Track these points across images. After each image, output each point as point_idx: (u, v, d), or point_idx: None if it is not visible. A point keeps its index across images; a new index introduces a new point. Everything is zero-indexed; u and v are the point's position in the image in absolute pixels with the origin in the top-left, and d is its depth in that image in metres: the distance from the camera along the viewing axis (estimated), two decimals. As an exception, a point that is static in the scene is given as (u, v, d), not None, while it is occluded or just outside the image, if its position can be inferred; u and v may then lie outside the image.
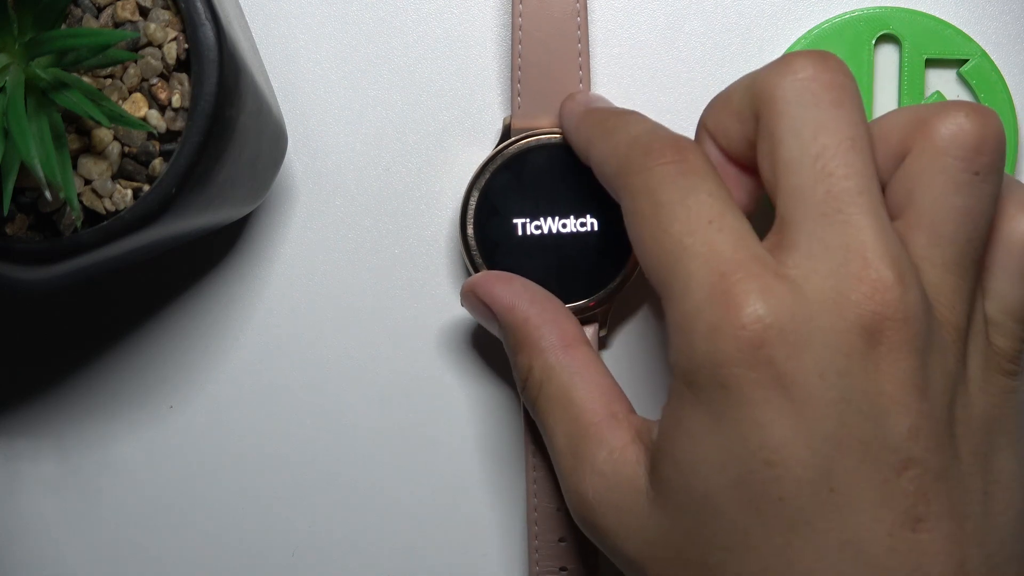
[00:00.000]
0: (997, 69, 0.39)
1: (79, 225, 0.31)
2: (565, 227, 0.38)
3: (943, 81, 0.39)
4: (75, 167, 0.32)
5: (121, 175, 0.32)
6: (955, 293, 0.30)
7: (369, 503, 0.40)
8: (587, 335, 0.39)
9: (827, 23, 0.39)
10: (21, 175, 0.31)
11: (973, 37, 0.39)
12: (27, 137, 0.29)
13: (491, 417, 0.40)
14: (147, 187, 0.32)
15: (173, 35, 0.32)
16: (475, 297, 0.36)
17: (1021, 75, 0.40)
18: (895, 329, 0.29)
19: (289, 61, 0.40)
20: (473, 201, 0.38)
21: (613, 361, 0.40)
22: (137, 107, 0.32)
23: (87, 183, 0.32)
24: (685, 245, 0.30)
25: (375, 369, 0.40)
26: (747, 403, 0.29)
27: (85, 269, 0.33)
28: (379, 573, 0.40)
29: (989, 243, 0.31)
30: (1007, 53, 0.40)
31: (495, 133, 0.40)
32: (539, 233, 0.38)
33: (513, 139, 0.38)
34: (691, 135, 0.40)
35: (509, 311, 0.36)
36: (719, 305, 0.29)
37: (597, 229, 0.38)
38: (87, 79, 0.32)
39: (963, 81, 0.39)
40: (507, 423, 0.40)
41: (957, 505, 0.29)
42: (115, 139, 0.32)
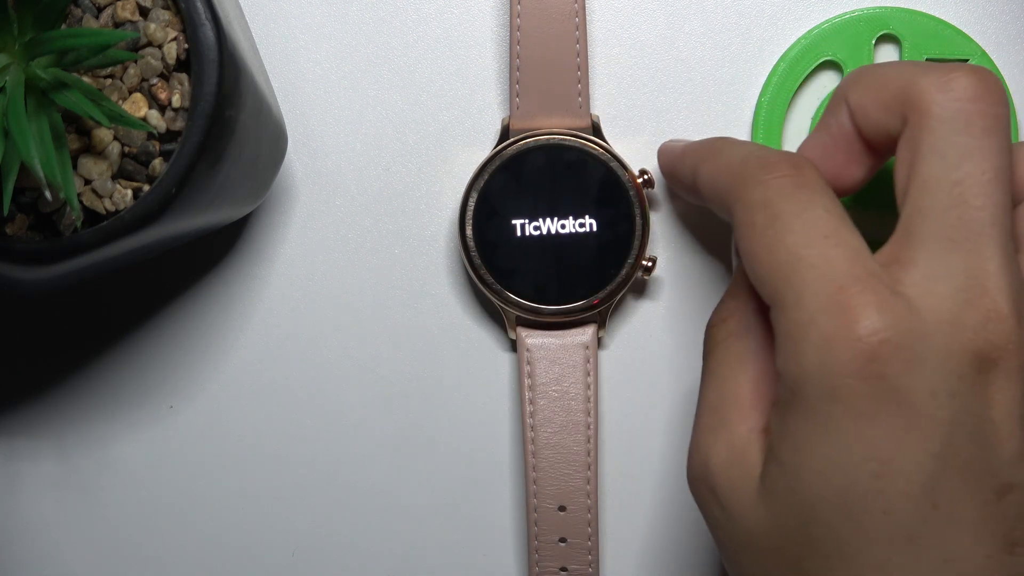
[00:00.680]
0: (997, 69, 0.39)
1: (79, 225, 0.31)
2: (564, 228, 0.38)
3: (943, 81, 0.39)
4: (75, 167, 0.32)
5: (121, 175, 0.32)
6: None
7: (369, 503, 0.40)
8: (588, 336, 0.39)
9: (827, 23, 0.39)
10: (21, 175, 0.31)
11: (973, 37, 0.39)
12: (27, 137, 0.29)
13: (491, 417, 0.40)
14: (147, 187, 0.32)
15: (173, 35, 0.32)
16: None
17: (1021, 75, 0.40)
18: (1007, 359, 0.29)
19: (289, 61, 0.40)
20: (472, 202, 0.38)
21: (613, 361, 0.40)
22: (137, 107, 0.32)
23: (87, 183, 0.32)
24: (801, 256, 0.30)
25: (375, 369, 0.40)
26: (856, 415, 0.29)
27: (85, 269, 0.33)
28: (379, 573, 0.40)
29: None
30: (1007, 53, 0.40)
31: (494, 134, 0.40)
32: (538, 234, 0.38)
33: (512, 140, 0.38)
34: (691, 135, 0.40)
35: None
36: (835, 316, 0.29)
37: (596, 230, 0.38)
38: (87, 79, 0.32)
39: (963, 81, 0.39)
40: (507, 423, 0.40)
41: None
42: (115, 139, 0.32)
